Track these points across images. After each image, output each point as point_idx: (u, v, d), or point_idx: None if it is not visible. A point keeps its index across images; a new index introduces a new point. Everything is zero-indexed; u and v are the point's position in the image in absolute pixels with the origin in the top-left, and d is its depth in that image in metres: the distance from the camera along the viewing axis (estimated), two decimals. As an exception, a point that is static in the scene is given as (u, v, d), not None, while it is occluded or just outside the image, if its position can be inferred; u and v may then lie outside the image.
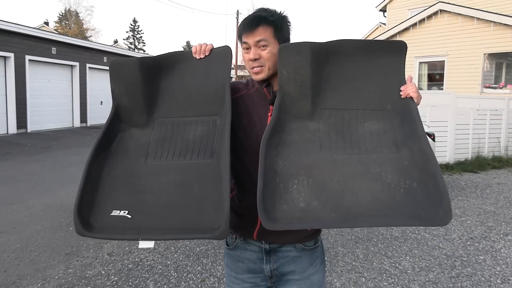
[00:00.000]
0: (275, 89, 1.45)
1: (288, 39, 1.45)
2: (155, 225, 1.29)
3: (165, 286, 3.13)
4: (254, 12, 1.43)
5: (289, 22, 1.46)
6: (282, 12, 1.45)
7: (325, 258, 1.60)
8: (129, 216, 1.30)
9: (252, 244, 1.47)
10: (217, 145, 1.43)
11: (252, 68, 1.42)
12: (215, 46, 1.54)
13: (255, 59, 1.40)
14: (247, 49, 1.41)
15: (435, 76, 12.64)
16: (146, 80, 1.53)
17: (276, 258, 1.45)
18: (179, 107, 1.54)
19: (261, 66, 1.41)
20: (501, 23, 10.70)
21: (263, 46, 1.39)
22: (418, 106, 1.39)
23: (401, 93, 1.36)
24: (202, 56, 1.51)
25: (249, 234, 1.45)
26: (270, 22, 1.39)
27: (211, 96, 1.52)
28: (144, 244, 1.26)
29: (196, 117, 1.52)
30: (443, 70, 12.17)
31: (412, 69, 12.82)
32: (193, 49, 1.53)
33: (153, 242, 1.27)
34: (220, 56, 1.53)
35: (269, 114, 1.44)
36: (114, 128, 1.50)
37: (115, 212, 1.32)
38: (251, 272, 1.48)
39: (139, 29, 51.94)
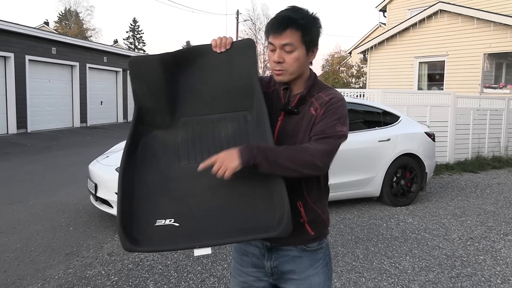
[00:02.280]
0: (294, 92, 1.43)
1: (316, 44, 1.41)
2: (208, 230, 1.22)
3: (165, 286, 3.13)
4: (284, 11, 1.37)
5: (320, 25, 1.40)
6: (313, 14, 1.39)
7: (331, 260, 1.55)
8: (176, 224, 1.23)
9: (256, 240, 1.48)
10: (256, 141, 1.38)
11: (275, 69, 1.39)
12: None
13: (279, 62, 1.36)
14: (273, 50, 1.37)
15: (435, 76, 12.63)
16: (168, 78, 1.45)
17: (277, 256, 1.45)
18: (203, 104, 1.46)
19: (283, 70, 1.38)
20: (501, 23, 10.69)
21: (289, 50, 1.34)
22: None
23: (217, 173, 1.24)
24: (223, 50, 1.46)
25: None
26: (299, 25, 1.33)
27: (237, 90, 1.46)
28: (200, 252, 1.18)
29: (223, 114, 1.45)
30: (443, 70, 12.16)
31: (412, 69, 12.83)
32: (212, 43, 1.47)
33: (210, 248, 1.20)
34: (242, 49, 1.46)
35: (279, 118, 1.43)
36: (139, 132, 1.42)
37: (160, 222, 1.24)
38: (255, 266, 1.50)
39: (139, 29, 51.95)
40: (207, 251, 1.19)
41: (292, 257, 1.44)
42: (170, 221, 1.24)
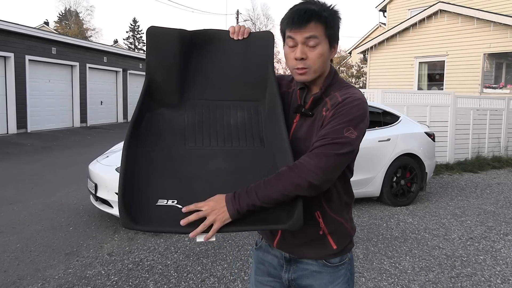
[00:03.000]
0: (313, 92, 1.33)
1: (338, 38, 1.30)
2: None
3: (165, 286, 3.13)
4: (302, 4, 1.26)
5: (340, 18, 1.29)
6: (332, 6, 1.28)
7: (353, 275, 1.44)
8: (179, 206, 1.16)
9: (275, 249, 1.41)
10: (268, 134, 1.35)
11: (296, 68, 1.27)
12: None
13: (301, 59, 1.25)
14: (293, 46, 1.26)
15: (435, 76, 12.63)
16: (182, 55, 1.40)
17: (296, 268, 1.37)
18: (214, 90, 1.42)
19: (306, 68, 1.26)
20: (501, 23, 10.69)
21: (312, 45, 1.24)
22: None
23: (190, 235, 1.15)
24: (240, 38, 1.41)
25: (271, 240, 1.40)
26: (323, 18, 1.23)
27: (251, 80, 1.42)
28: (203, 238, 1.13)
29: (233, 102, 1.41)
30: (443, 70, 12.16)
31: (412, 69, 12.83)
32: (230, 29, 1.42)
33: (214, 235, 1.14)
34: (261, 40, 1.43)
35: (295, 121, 1.34)
36: (145, 106, 1.36)
37: (162, 202, 1.17)
38: (270, 275, 1.43)
39: (139, 29, 51.88)
40: (211, 238, 1.14)
41: (311, 272, 1.35)
42: (172, 202, 1.17)
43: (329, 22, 1.25)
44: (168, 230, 1.16)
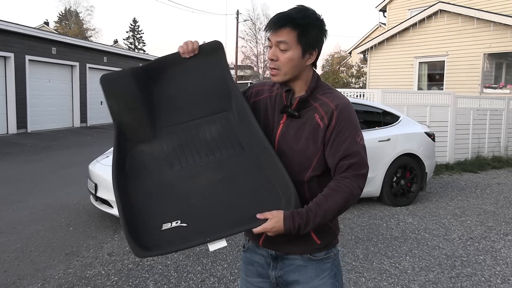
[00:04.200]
0: (296, 95, 1.38)
1: (315, 47, 1.33)
2: (217, 223, 1.22)
3: (165, 286, 3.13)
4: (287, 10, 1.33)
5: (322, 29, 1.34)
6: (319, 17, 1.33)
7: (341, 271, 1.47)
8: (184, 224, 1.23)
9: (261, 248, 1.45)
10: (245, 137, 1.39)
11: (270, 67, 1.36)
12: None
13: (271, 60, 1.33)
14: (270, 47, 1.34)
15: (435, 76, 12.63)
16: (142, 91, 1.45)
17: (282, 265, 1.41)
18: (182, 112, 1.47)
19: (277, 69, 1.33)
20: (501, 23, 10.69)
21: (283, 49, 1.30)
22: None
23: (256, 229, 1.22)
24: (191, 55, 1.45)
25: (256, 241, 1.44)
26: (297, 25, 1.28)
27: (213, 93, 1.46)
28: (215, 246, 1.17)
29: (204, 118, 1.46)
30: (443, 70, 12.16)
31: (412, 69, 12.83)
32: (179, 50, 1.45)
33: (225, 240, 1.18)
34: (211, 51, 1.46)
35: (281, 121, 1.39)
36: (123, 149, 1.41)
37: (166, 225, 1.23)
38: (260, 276, 1.46)
39: (139, 29, 51.87)
40: (223, 243, 1.17)
41: (297, 266, 1.39)
42: (176, 223, 1.23)
43: (303, 29, 1.29)
44: (181, 247, 1.21)
